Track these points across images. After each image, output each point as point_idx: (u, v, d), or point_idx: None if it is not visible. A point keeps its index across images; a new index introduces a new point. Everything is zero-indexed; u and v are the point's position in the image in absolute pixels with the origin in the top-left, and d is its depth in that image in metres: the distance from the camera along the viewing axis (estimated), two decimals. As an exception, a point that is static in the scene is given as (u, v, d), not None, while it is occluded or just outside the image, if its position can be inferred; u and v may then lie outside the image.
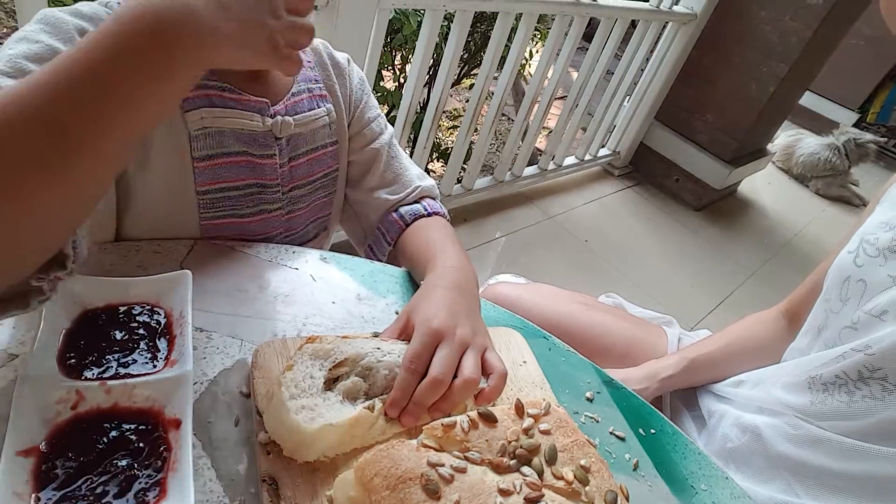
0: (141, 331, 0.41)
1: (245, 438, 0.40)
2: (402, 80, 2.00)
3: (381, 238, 0.63)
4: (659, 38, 2.43)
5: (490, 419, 0.35)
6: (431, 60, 1.72)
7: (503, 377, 0.43)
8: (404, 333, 0.46)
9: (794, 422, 0.65)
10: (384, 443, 0.34)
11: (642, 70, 2.49)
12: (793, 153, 3.50)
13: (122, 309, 0.42)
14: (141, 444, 0.34)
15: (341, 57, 0.67)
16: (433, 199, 0.66)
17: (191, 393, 0.37)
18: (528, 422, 0.36)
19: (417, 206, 0.63)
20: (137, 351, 0.39)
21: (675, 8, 2.30)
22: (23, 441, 0.33)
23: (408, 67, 1.93)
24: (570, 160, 2.55)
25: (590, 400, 0.51)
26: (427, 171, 2.16)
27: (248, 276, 0.52)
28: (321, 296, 0.52)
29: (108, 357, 0.39)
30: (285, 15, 0.39)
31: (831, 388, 0.63)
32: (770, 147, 3.08)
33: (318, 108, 0.60)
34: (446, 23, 1.62)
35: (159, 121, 0.38)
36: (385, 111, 1.86)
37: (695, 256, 2.44)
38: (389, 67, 2.06)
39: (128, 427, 0.35)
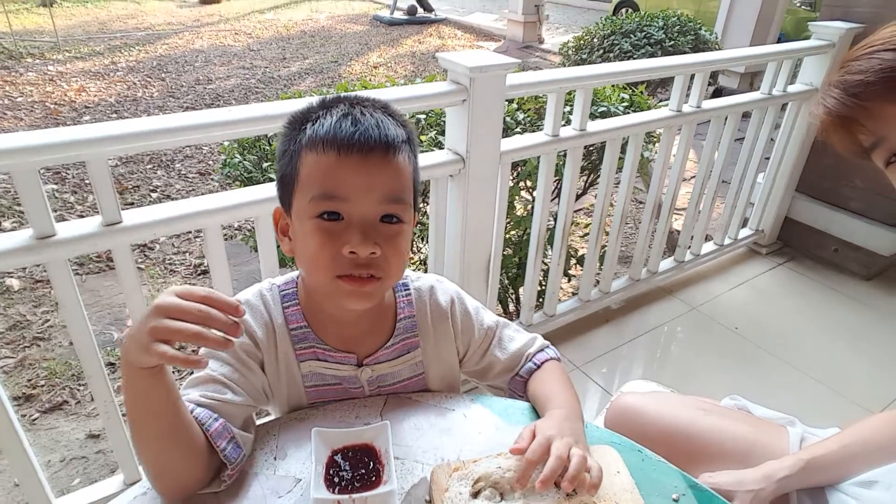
0: (365, 461, 0.67)
1: (430, 531, 0.63)
2: (530, 208, 2.27)
3: (514, 394, 0.87)
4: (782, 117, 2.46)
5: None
6: (554, 185, 1.99)
7: (601, 470, 0.62)
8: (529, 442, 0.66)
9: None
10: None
11: (773, 139, 2.48)
12: None
13: (353, 448, 0.69)
14: (374, 534, 0.59)
15: (444, 300, 0.85)
16: (540, 351, 0.88)
17: (397, 501, 0.62)
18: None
19: (530, 364, 0.85)
20: (365, 474, 0.66)
21: (791, 88, 2.34)
22: (314, 531, 0.60)
23: (535, 193, 2.21)
24: (708, 247, 2.58)
25: (675, 500, 0.65)
26: (567, 274, 2.33)
27: (422, 418, 0.77)
28: (471, 428, 0.76)
29: (349, 479, 0.66)
30: (162, 321, 0.55)
31: None
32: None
33: (408, 353, 0.82)
34: (563, 153, 1.86)
35: (158, 409, 0.61)
36: (519, 234, 2.14)
37: (871, 331, 2.25)
38: (519, 198, 2.35)
39: (365, 523, 0.61)
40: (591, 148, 2.14)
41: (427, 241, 1.74)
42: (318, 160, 0.67)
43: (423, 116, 1.94)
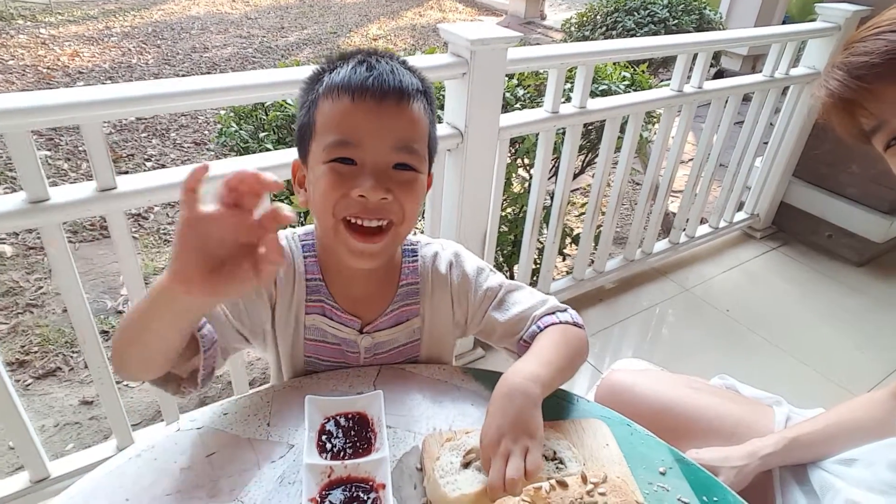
0: (357, 429, 0.68)
1: (421, 498, 0.64)
2: (527, 186, 2.26)
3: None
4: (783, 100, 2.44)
5: (564, 485, 0.55)
6: (552, 164, 1.97)
7: (532, 473, 0.57)
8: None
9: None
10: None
11: (772, 123, 2.47)
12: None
13: (346, 416, 0.70)
14: (365, 499, 0.60)
15: (443, 268, 0.83)
16: (550, 313, 0.82)
17: (388, 468, 0.63)
18: (589, 486, 0.55)
19: (534, 327, 0.81)
20: (357, 442, 0.67)
21: (794, 71, 2.32)
22: (309, 493, 0.61)
23: (532, 170, 2.20)
24: (703, 230, 2.58)
25: (662, 473, 0.67)
26: (562, 253, 2.34)
27: (416, 389, 0.78)
28: (463, 400, 0.77)
29: (341, 446, 0.66)
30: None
31: None
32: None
33: (409, 319, 0.82)
34: (562, 130, 1.84)
35: (172, 331, 0.60)
36: (515, 212, 2.14)
37: (861, 317, 2.27)
38: (516, 175, 2.34)
39: (357, 486, 0.62)
40: (590, 127, 2.13)
41: (423, 217, 1.74)
42: (332, 106, 0.68)
43: (423, 90, 1.91)
